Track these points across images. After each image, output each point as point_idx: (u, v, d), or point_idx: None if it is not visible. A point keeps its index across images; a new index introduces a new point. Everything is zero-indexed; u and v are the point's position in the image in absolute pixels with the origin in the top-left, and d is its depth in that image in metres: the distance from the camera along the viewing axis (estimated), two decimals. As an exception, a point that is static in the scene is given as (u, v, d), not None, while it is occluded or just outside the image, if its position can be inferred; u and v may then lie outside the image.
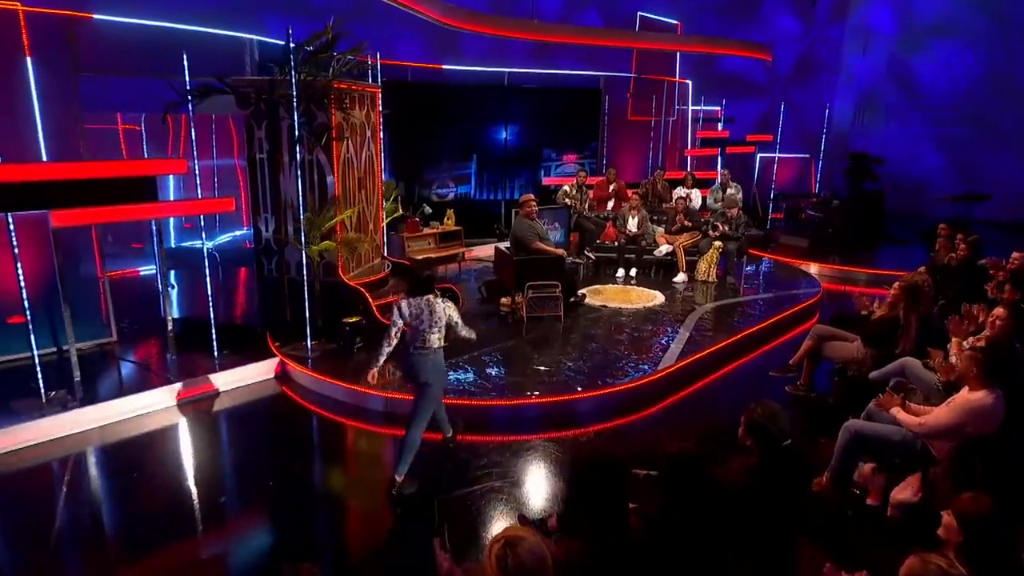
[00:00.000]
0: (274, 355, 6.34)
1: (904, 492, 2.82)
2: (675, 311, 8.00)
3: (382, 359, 4.45)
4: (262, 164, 6.60)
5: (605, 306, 8.11)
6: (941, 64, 14.93)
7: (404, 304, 4.38)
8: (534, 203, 7.70)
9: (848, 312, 6.27)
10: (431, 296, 4.41)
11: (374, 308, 6.61)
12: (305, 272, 6.30)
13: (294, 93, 5.87)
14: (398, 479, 4.38)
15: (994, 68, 14.37)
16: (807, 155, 14.32)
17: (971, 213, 11.65)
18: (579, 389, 5.77)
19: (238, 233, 10.56)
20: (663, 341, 6.94)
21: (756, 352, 7.16)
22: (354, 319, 6.46)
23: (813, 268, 10.52)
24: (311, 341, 6.39)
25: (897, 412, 4.14)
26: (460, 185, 11.71)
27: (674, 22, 14.37)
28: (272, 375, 6.29)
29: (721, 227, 9.23)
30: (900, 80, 15.59)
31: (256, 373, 6.21)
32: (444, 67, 11.56)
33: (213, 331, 6.28)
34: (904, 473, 3.85)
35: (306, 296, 6.32)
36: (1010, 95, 14.16)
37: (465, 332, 4.65)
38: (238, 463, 5.06)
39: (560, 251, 7.88)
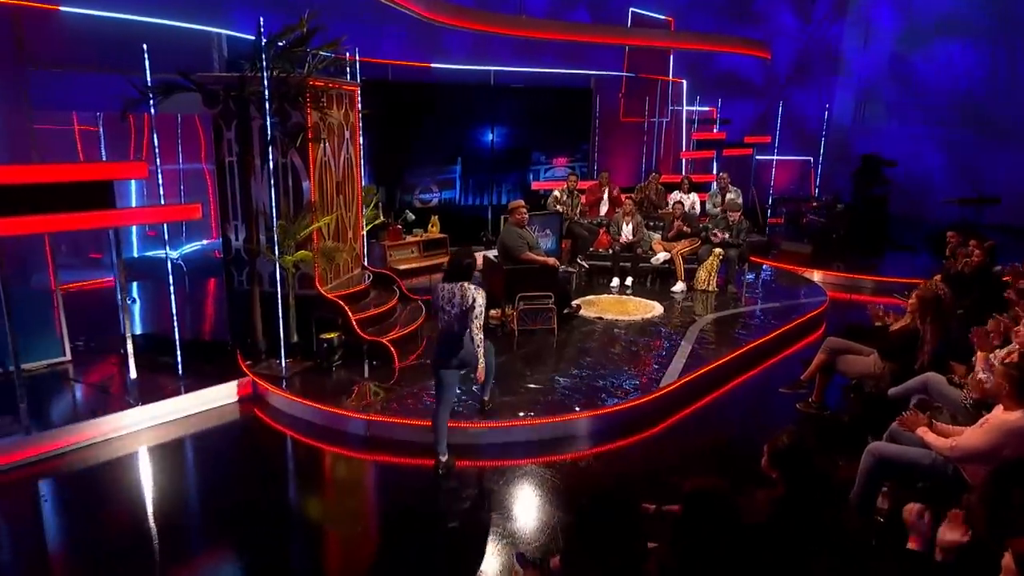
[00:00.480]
0: (245, 374, 6.10)
1: (953, 532, 2.63)
2: (675, 323, 7.86)
3: None
4: (231, 168, 6.36)
5: (601, 318, 7.96)
6: (943, 63, 15.00)
7: (437, 288, 4.76)
8: (524, 210, 7.54)
9: (862, 323, 6.14)
10: (465, 283, 4.65)
11: (354, 322, 6.39)
12: (279, 284, 6.06)
13: (266, 90, 5.65)
14: (486, 397, 5.30)
15: (998, 67, 14.45)
16: (807, 157, 14.27)
17: (980, 217, 11.63)
18: (577, 409, 5.57)
19: (207, 242, 10.28)
20: (663, 355, 6.79)
21: (762, 366, 7.04)
22: (332, 334, 6.25)
23: (816, 276, 10.46)
24: (285, 359, 6.15)
25: (924, 433, 3.97)
26: (444, 190, 11.57)
27: (667, 19, 14.31)
28: (243, 396, 6.03)
29: (721, 233, 9.10)
30: (901, 79, 15.64)
31: (225, 394, 5.94)
32: (428, 65, 11.42)
33: (178, 349, 6.01)
34: (939, 505, 3.68)
35: (280, 310, 6.08)
36: (1015, 95, 14.23)
37: (477, 333, 4.63)
38: (204, 494, 4.80)
39: (552, 260, 7.71)
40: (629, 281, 9.34)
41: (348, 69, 7.58)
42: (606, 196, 10.52)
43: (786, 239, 12.03)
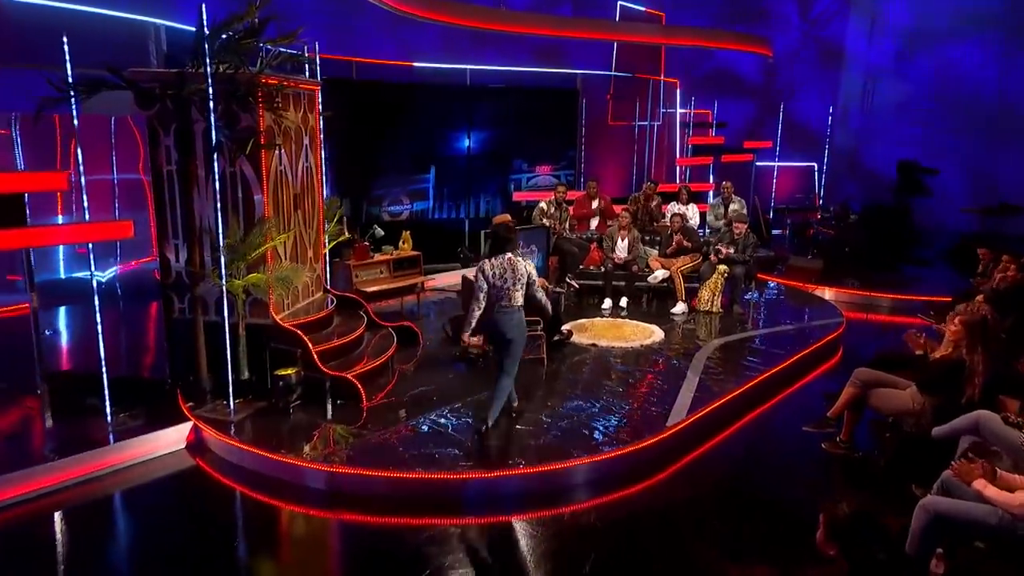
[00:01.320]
0: (186, 418, 5.66)
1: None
2: (677, 349, 7.60)
3: (474, 322, 5.27)
4: (171, 178, 5.96)
5: (594, 344, 7.67)
6: (954, 60, 14.93)
7: (487, 265, 5.17)
8: (512, 225, 7.21)
9: (894, 351, 5.85)
10: (511, 255, 5.18)
11: (314, 355, 5.98)
12: (226, 312, 5.65)
13: (210, 88, 5.25)
14: (489, 423, 5.29)
15: (1013, 67, 14.41)
16: (811, 163, 14.15)
17: (1002, 228, 11.52)
18: (574, 454, 5.18)
19: (146, 261, 9.75)
20: (668, 388, 6.47)
21: (777, 398, 6.77)
22: (289, 370, 5.84)
23: (828, 294, 10.30)
24: (234, 399, 5.74)
25: (984, 488, 3.63)
26: (416, 201, 11.34)
27: (659, 14, 14.24)
28: (183, 444, 5.58)
29: (726, 249, 8.85)
30: (910, 78, 15.52)
31: (162, 443, 5.48)
32: (399, 63, 11.19)
33: (106, 389, 5.54)
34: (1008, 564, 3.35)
35: (227, 342, 5.68)
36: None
37: (542, 295, 5.38)
38: (136, 567, 4.31)
39: (541, 281, 7.35)
40: (624, 302, 9.12)
41: (307, 66, 7.21)
42: (595, 207, 10.23)
43: (792, 253, 11.87)
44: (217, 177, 5.57)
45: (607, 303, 9.04)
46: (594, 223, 10.18)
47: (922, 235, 13.10)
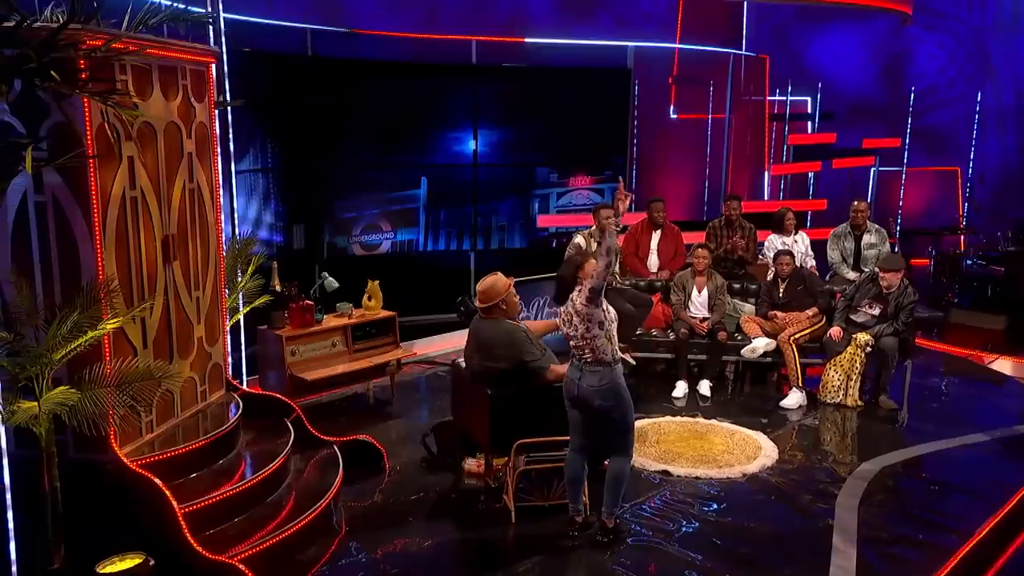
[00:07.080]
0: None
1: None
2: (806, 483, 5.82)
3: None
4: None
5: (666, 473, 5.96)
6: None
7: (560, 313, 5.08)
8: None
9: None
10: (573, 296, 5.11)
11: (180, 520, 4.28)
12: (4, 447, 3.99)
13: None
14: (608, 523, 4.96)
15: None
16: (954, 167, 13.15)
17: None
18: None
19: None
20: (804, 570, 4.63)
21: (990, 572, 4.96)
22: (128, 561, 4.10)
23: (1007, 367, 8.79)
24: (25, 617, 4.07)
25: None
26: (401, 228, 10.59)
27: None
28: None
29: (871, 308, 7.23)
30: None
31: None
32: (372, 33, 10.49)
33: None
34: None
35: (8, 505, 4.01)
36: None
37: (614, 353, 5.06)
38: None
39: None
40: (706, 388, 7.72)
41: (211, 27, 6.12)
42: (655, 243, 8.73)
43: (941, 300, 10.63)
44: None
45: (680, 388, 7.66)
46: (653, 263, 8.69)
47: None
